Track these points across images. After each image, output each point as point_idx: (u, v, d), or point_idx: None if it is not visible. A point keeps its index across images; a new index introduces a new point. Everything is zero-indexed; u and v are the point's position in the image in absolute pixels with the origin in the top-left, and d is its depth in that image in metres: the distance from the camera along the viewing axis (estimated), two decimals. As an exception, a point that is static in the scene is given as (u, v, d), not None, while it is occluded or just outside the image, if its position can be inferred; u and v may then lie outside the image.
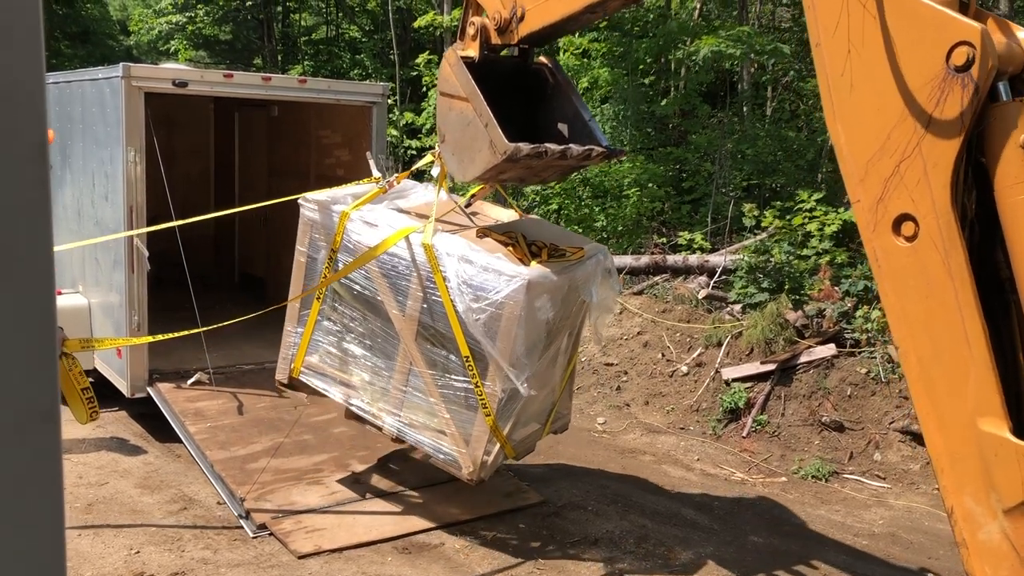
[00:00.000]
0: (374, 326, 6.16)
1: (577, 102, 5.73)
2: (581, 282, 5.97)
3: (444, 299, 5.66)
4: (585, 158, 5.54)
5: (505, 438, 5.87)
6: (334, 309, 6.33)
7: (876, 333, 9.32)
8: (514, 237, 5.92)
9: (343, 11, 28.72)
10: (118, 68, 7.90)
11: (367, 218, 6.11)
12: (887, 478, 8.21)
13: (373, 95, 9.14)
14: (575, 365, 6.92)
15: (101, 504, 6.70)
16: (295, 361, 6.51)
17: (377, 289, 6.04)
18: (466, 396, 5.81)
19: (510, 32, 5.25)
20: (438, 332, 5.83)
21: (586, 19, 5.17)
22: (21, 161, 0.83)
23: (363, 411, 6.29)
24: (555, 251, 5.96)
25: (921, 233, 3.23)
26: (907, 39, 3.20)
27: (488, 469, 5.94)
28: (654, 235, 15.32)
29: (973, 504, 3.25)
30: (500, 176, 5.58)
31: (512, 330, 5.46)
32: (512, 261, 5.58)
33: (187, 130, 12.86)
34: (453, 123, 5.43)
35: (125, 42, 35.52)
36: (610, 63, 17.55)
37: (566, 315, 6.06)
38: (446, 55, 5.49)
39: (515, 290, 5.42)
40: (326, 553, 6.06)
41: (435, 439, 6.01)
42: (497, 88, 5.31)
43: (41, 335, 0.87)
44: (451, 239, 5.78)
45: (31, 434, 0.85)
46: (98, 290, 8.86)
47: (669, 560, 6.32)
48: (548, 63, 5.82)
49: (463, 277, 5.57)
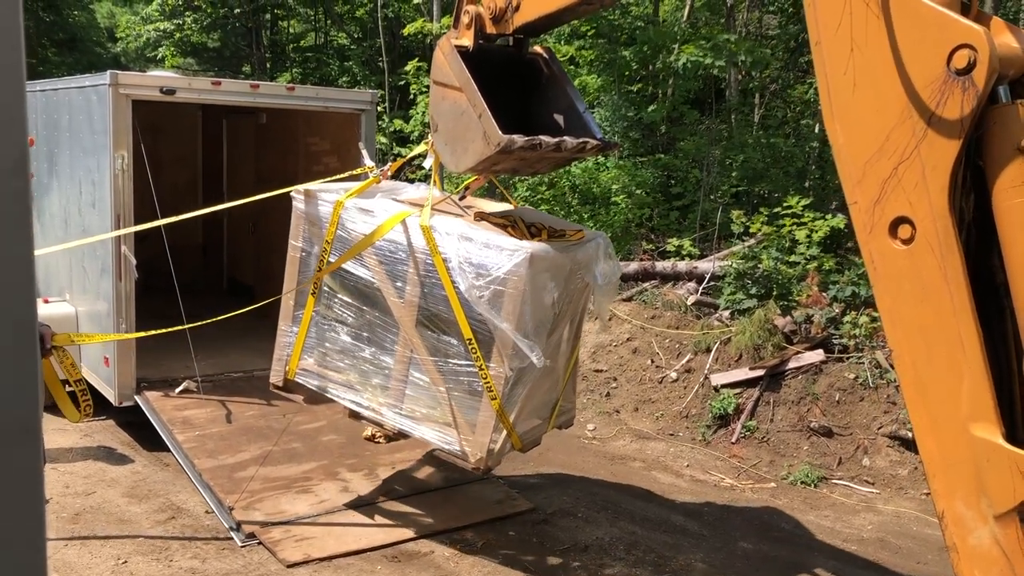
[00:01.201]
0: (372, 318, 6.01)
1: (572, 93, 5.65)
2: (583, 263, 5.84)
3: (444, 281, 5.52)
4: (580, 150, 5.47)
5: (511, 425, 5.68)
6: (329, 306, 6.19)
7: (864, 338, 9.35)
8: (512, 220, 5.81)
9: (332, 18, 28.70)
10: (105, 75, 7.87)
11: (362, 205, 5.98)
12: (876, 483, 8.22)
13: (362, 102, 9.13)
14: (577, 357, 6.74)
15: (88, 514, 6.65)
16: (290, 362, 6.35)
17: (374, 277, 5.90)
18: (470, 381, 5.63)
19: (505, 21, 5.20)
20: (439, 316, 5.68)
21: (582, 10, 5.12)
22: (1, 175, 0.82)
23: (363, 407, 6.12)
24: (555, 232, 5.85)
25: (918, 236, 3.22)
26: (908, 40, 3.19)
27: (495, 457, 5.73)
28: (643, 241, 15.35)
29: (964, 509, 3.25)
30: (493, 167, 5.51)
31: (517, 307, 5.31)
32: (512, 238, 5.47)
33: (175, 138, 12.82)
34: (446, 112, 5.36)
35: (112, 49, 35.46)
36: (597, 70, 17.58)
37: (568, 299, 5.91)
38: (440, 43, 5.42)
39: (517, 264, 5.29)
40: (315, 562, 6.03)
41: (440, 430, 5.82)
42: (491, 78, 5.23)
43: (22, 346, 0.86)
44: (449, 220, 5.65)
45: (11, 448, 0.84)
46: (85, 298, 8.81)
47: (659, 567, 6.31)
48: (543, 53, 5.73)
49: (463, 256, 5.43)
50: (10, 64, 0.81)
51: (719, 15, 19.64)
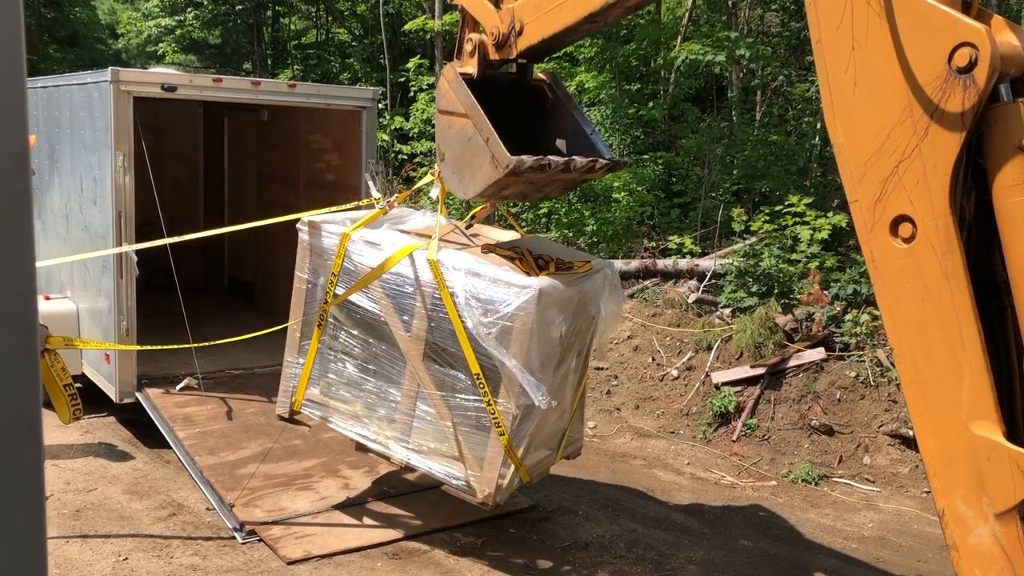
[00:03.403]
0: (378, 351, 5.97)
1: (578, 116, 5.60)
2: (590, 296, 5.82)
3: (452, 316, 5.48)
4: (589, 170, 5.39)
5: (519, 460, 5.67)
6: (336, 337, 6.12)
7: (865, 337, 9.34)
8: (520, 252, 5.77)
9: (333, 15, 28.69)
10: (106, 72, 7.87)
11: (369, 238, 5.93)
12: (876, 482, 8.22)
13: (363, 99, 9.12)
14: (584, 387, 6.74)
15: (89, 510, 6.66)
16: (296, 393, 6.29)
17: (381, 311, 5.85)
18: (478, 416, 5.60)
19: (508, 47, 5.17)
20: (446, 351, 5.64)
21: (586, 29, 5.06)
22: (2, 172, 0.82)
23: (370, 440, 6.09)
24: (562, 264, 5.80)
25: (919, 235, 3.22)
26: (909, 38, 3.19)
27: (503, 493, 5.72)
28: (644, 239, 15.34)
29: (965, 507, 3.25)
30: (502, 192, 5.43)
31: (525, 343, 5.28)
32: (520, 273, 5.44)
33: (176, 135, 12.83)
34: (452, 140, 5.32)
35: (114, 46, 35.44)
36: (597, 67, 17.56)
37: (576, 331, 5.88)
38: (443, 72, 5.40)
39: (526, 301, 5.25)
40: (315, 559, 6.03)
41: (447, 464, 5.79)
42: (496, 105, 5.19)
43: (23, 344, 0.86)
44: (457, 254, 5.61)
45: (12, 445, 0.84)
46: (86, 296, 8.82)
47: (659, 564, 6.31)
48: (547, 78, 5.69)
49: (471, 291, 5.39)
50: (11, 61, 0.81)
51: (720, 12, 19.62)
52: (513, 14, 5.12)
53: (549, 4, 4.92)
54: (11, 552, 0.87)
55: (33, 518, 0.88)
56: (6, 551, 0.86)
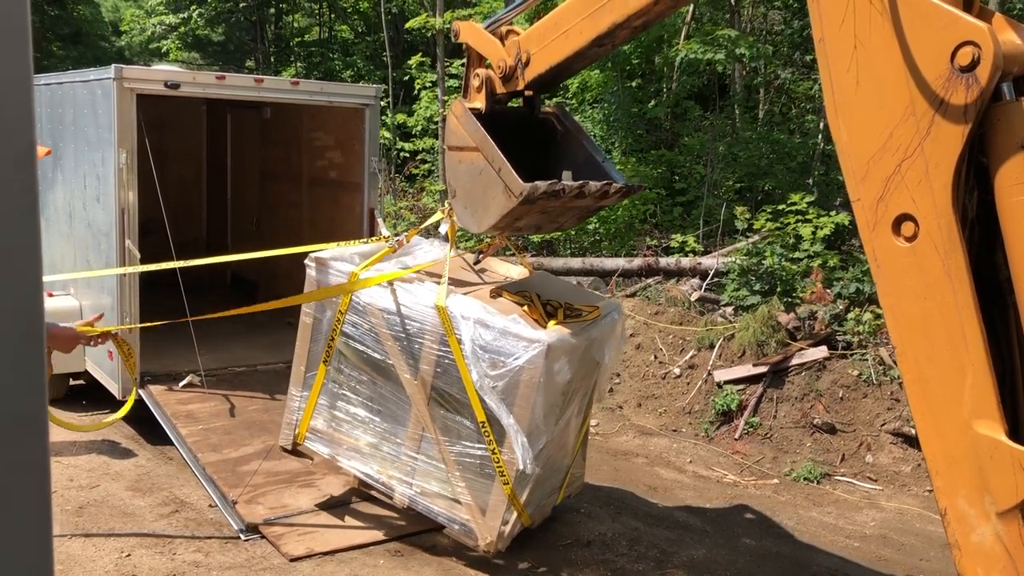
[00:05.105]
0: (384, 390, 5.96)
1: (588, 145, 5.56)
2: (598, 341, 5.82)
3: (459, 363, 5.45)
4: (603, 195, 5.33)
5: (522, 507, 5.68)
6: (341, 372, 6.12)
7: (868, 335, 9.34)
8: (528, 296, 5.76)
9: (336, 13, 28.71)
10: (110, 70, 7.87)
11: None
12: (879, 480, 8.22)
13: (366, 97, 9.12)
14: (588, 427, 6.77)
15: (92, 507, 6.67)
16: (299, 426, 6.31)
17: (388, 352, 5.84)
18: (482, 464, 5.59)
19: (515, 79, 5.15)
20: (452, 397, 5.62)
21: (593, 54, 5.01)
22: (9, 167, 0.82)
23: (372, 479, 6.11)
24: (571, 310, 5.78)
25: (921, 234, 3.22)
26: (911, 37, 3.18)
27: (505, 540, 5.73)
28: (646, 237, 15.34)
29: (967, 506, 3.25)
30: (516, 223, 5.38)
31: (531, 396, 5.27)
32: (529, 323, 5.40)
33: (179, 132, 12.82)
34: (463, 175, 5.30)
35: (117, 43, 35.44)
36: (599, 65, 17.55)
37: (582, 376, 5.87)
38: (451, 108, 5.39)
39: (535, 355, 5.22)
40: (318, 556, 6.04)
41: (449, 508, 5.79)
42: (505, 139, 5.15)
43: (29, 338, 0.86)
44: (465, 301, 5.58)
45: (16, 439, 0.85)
46: (90, 292, 8.83)
47: (661, 562, 6.32)
48: (555, 111, 5.68)
49: (479, 342, 5.36)
50: (18, 59, 0.82)
51: (723, 11, 19.61)
52: (519, 46, 5.10)
53: (555, 32, 4.89)
54: (16, 549, 0.87)
55: (39, 514, 0.88)
56: (12, 547, 0.87)
